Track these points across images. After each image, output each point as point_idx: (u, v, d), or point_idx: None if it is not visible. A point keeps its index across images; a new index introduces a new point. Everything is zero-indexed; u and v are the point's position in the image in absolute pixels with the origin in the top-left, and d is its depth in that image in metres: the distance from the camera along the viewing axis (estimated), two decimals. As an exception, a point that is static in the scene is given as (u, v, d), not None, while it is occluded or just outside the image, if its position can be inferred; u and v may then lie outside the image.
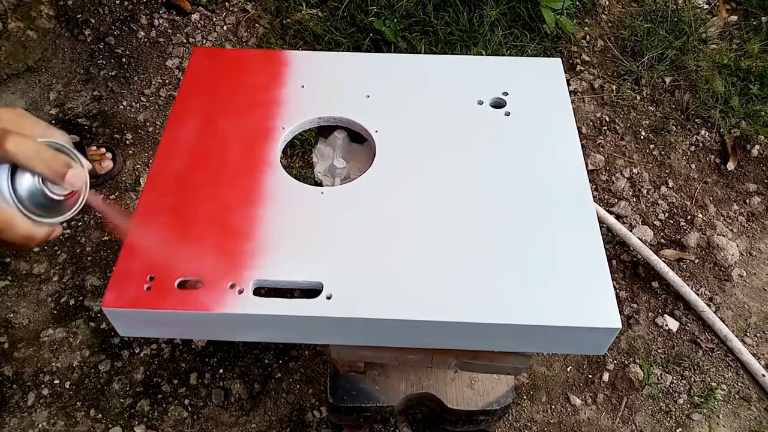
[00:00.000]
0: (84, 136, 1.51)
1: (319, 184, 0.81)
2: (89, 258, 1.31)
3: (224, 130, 0.77)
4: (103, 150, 1.42)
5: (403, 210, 0.69)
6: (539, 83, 0.83)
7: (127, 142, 1.51)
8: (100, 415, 1.13)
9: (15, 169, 0.47)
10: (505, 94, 0.81)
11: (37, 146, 0.48)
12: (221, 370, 1.19)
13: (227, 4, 1.74)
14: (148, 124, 1.55)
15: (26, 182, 0.48)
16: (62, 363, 1.19)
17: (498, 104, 0.81)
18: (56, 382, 1.17)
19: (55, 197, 0.50)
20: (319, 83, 0.83)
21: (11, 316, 1.24)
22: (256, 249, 0.65)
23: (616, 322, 0.61)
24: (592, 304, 0.62)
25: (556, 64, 0.86)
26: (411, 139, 0.77)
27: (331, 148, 0.84)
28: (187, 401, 1.15)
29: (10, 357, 1.19)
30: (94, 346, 1.20)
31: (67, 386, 1.16)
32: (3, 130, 0.47)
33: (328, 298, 0.62)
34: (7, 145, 0.46)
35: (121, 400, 1.15)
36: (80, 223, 1.36)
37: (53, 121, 1.53)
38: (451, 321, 0.61)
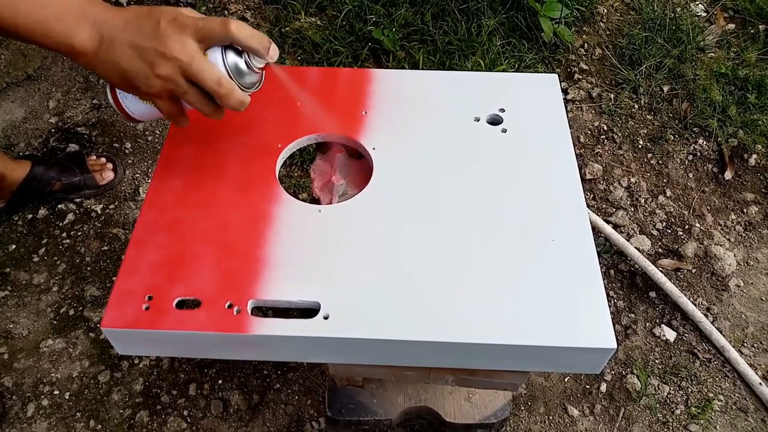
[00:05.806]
0: (83, 145, 1.51)
1: (317, 199, 0.82)
2: (89, 268, 1.32)
3: (222, 148, 0.78)
4: (103, 160, 1.43)
5: (399, 229, 0.70)
6: (536, 100, 0.84)
7: (126, 151, 1.52)
8: (99, 426, 1.14)
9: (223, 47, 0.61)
10: (502, 110, 0.82)
11: (250, 28, 0.60)
12: (220, 381, 1.19)
13: (226, 12, 1.74)
14: (147, 133, 1.55)
15: (231, 58, 0.61)
16: (62, 374, 1.19)
17: (495, 121, 0.81)
18: (56, 392, 1.17)
19: (255, 69, 0.63)
20: (316, 99, 0.84)
21: (11, 326, 1.24)
22: (254, 268, 0.66)
23: (611, 342, 0.61)
24: (587, 324, 0.62)
25: (552, 80, 0.86)
26: (408, 157, 0.77)
27: (329, 164, 0.84)
28: (186, 412, 1.16)
29: (10, 367, 1.19)
30: (94, 357, 1.21)
31: (67, 397, 1.17)
32: (222, 18, 0.59)
33: (326, 318, 0.62)
34: (231, 28, 0.58)
35: (121, 411, 1.15)
36: (79, 233, 1.36)
37: (53, 130, 1.54)
38: (447, 341, 0.61)
